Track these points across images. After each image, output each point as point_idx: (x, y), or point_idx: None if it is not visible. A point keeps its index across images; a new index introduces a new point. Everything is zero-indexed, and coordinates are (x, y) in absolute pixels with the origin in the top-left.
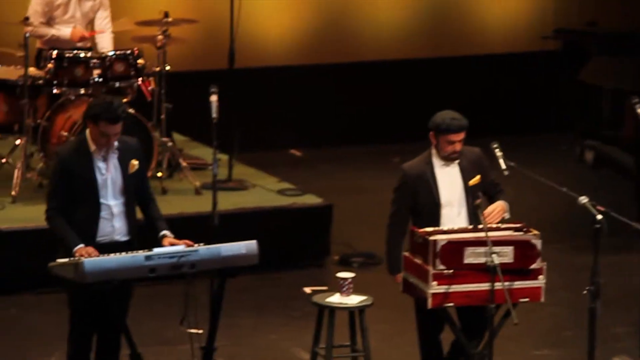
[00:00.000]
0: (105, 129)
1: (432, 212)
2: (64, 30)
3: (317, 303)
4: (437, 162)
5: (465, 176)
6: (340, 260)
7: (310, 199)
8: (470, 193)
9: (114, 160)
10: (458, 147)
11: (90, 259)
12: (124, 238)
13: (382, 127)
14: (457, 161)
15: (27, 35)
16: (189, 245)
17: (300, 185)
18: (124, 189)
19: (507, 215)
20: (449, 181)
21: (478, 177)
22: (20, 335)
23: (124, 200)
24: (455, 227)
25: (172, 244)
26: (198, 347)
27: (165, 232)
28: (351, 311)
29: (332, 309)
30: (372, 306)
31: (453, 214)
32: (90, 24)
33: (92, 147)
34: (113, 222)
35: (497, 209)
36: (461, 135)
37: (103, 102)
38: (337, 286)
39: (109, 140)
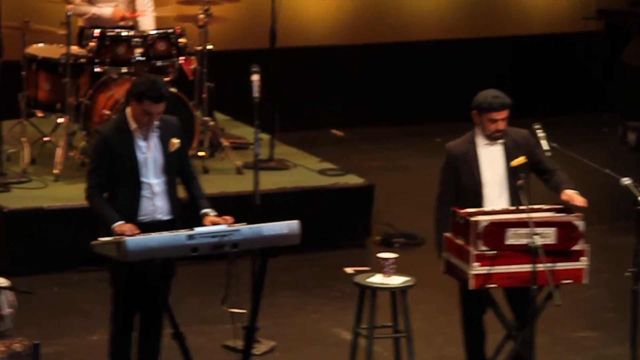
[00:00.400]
0: (149, 108)
1: (474, 192)
2: (105, 9)
3: (359, 283)
4: (480, 142)
5: (509, 156)
6: (382, 240)
7: (352, 179)
8: (513, 174)
9: (154, 138)
10: (501, 125)
11: (133, 238)
12: (166, 217)
13: (424, 107)
14: (501, 141)
15: (69, 13)
16: (229, 222)
17: (342, 165)
18: (165, 168)
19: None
20: (492, 161)
21: (522, 158)
22: (63, 314)
23: (165, 179)
24: (497, 208)
25: (213, 223)
26: (240, 326)
27: (206, 210)
28: (393, 292)
29: (374, 290)
30: (414, 287)
31: (495, 194)
32: (132, 3)
33: (133, 125)
34: (155, 201)
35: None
36: (503, 114)
37: (147, 81)
38: (379, 266)
39: (151, 119)
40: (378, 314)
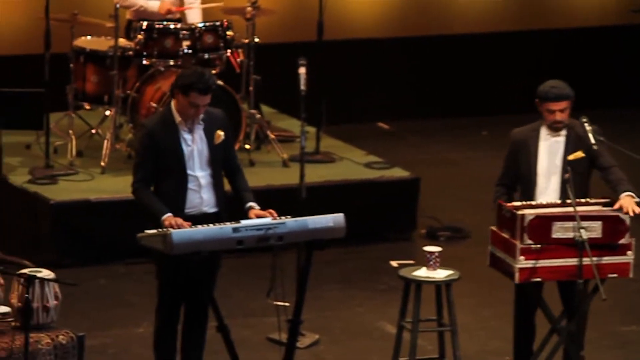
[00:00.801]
0: (195, 100)
1: (528, 180)
2: (152, 3)
3: (404, 277)
4: (543, 132)
5: (569, 149)
6: (427, 233)
7: (398, 172)
8: (566, 167)
9: (199, 131)
10: (559, 116)
11: (178, 231)
12: (213, 209)
13: (471, 100)
14: (563, 133)
15: (117, 6)
16: (273, 215)
17: (388, 158)
18: (210, 160)
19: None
20: (550, 152)
21: (579, 152)
22: (110, 306)
23: (211, 172)
24: (544, 202)
25: (258, 216)
26: (285, 319)
27: (251, 203)
28: (438, 285)
29: (419, 283)
30: (459, 280)
31: (547, 185)
32: None
33: (178, 118)
34: (201, 194)
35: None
36: (561, 105)
37: (194, 73)
38: (424, 260)
39: (197, 111)
40: (423, 307)
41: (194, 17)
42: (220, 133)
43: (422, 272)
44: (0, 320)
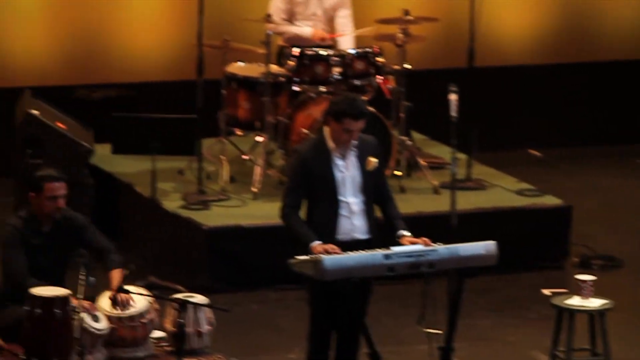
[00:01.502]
0: (348, 126)
1: None
2: (305, 29)
3: (557, 305)
4: None
5: None
6: (580, 262)
7: (550, 200)
8: None
9: (352, 157)
10: None
11: (330, 257)
12: (364, 236)
13: (625, 127)
14: None
15: (269, 32)
16: (427, 243)
17: (540, 185)
18: (362, 187)
19: None
20: None
21: None
22: (262, 331)
23: (363, 198)
24: None
25: (412, 243)
26: (436, 347)
27: (403, 231)
28: (591, 314)
29: (572, 312)
30: (613, 309)
31: None
32: (331, 21)
33: (331, 144)
34: (353, 220)
35: None
36: None
37: (346, 99)
38: (577, 288)
39: (351, 136)
40: (576, 336)
41: (346, 44)
42: (373, 160)
43: (575, 301)
44: (155, 345)
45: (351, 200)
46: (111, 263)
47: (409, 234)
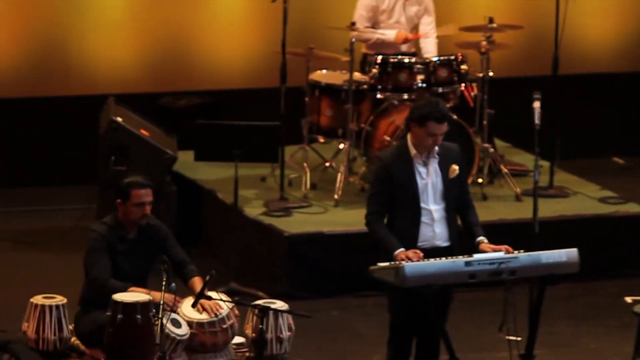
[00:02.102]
0: (433, 129)
1: None
2: (388, 33)
3: (638, 313)
4: None
5: None
6: None
7: (633, 207)
8: None
9: (434, 165)
10: None
11: (411, 264)
12: (445, 243)
13: None
14: None
15: (353, 40)
16: (508, 251)
17: (623, 193)
18: (444, 194)
19: None
20: None
21: None
22: (342, 337)
23: (444, 206)
24: None
25: (494, 250)
26: (517, 354)
27: (481, 238)
28: None
29: None
30: None
31: None
32: (414, 29)
33: (413, 151)
34: (434, 227)
35: None
36: None
37: (429, 103)
38: None
39: (435, 140)
40: None
41: (429, 47)
42: (455, 167)
43: None
44: (235, 351)
45: (433, 207)
46: (190, 272)
47: (487, 241)
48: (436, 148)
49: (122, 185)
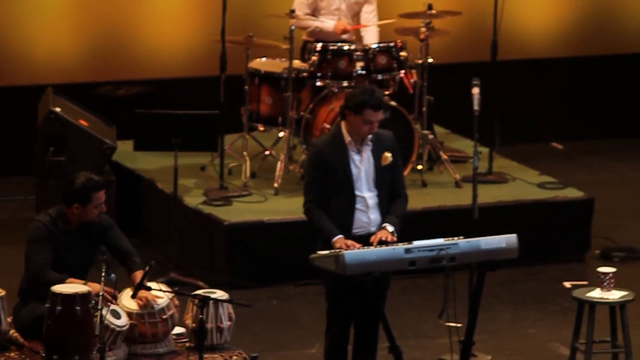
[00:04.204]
0: (369, 117)
1: None
2: (327, 23)
3: (577, 298)
4: None
5: None
6: (601, 254)
7: (571, 193)
8: None
9: (367, 152)
10: None
11: (351, 251)
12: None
13: None
14: None
15: (292, 27)
16: (387, 237)
17: (561, 178)
18: (377, 181)
19: None
20: None
21: None
22: (283, 326)
23: (377, 192)
24: None
25: (380, 237)
26: (457, 340)
27: (386, 224)
28: (612, 306)
29: (593, 304)
30: (634, 301)
31: None
32: (355, 16)
33: (347, 139)
34: (369, 214)
35: None
36: None
37: (364, 91)
38: (598, 281)
39: (371, 128)
40: (596, 328)
41: (371, 37)
42: (388, 155)
43: (596, 293)
44: (175, 341)
45: (367, 194)
46: (134, 265)
47: (391, 229)
48: (370, 135)
49: (78, 190)
